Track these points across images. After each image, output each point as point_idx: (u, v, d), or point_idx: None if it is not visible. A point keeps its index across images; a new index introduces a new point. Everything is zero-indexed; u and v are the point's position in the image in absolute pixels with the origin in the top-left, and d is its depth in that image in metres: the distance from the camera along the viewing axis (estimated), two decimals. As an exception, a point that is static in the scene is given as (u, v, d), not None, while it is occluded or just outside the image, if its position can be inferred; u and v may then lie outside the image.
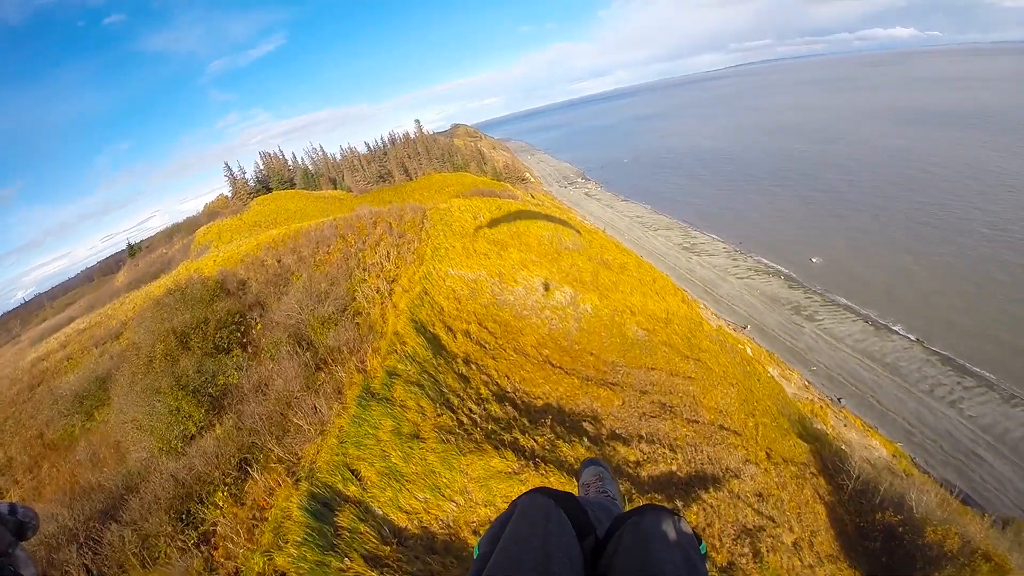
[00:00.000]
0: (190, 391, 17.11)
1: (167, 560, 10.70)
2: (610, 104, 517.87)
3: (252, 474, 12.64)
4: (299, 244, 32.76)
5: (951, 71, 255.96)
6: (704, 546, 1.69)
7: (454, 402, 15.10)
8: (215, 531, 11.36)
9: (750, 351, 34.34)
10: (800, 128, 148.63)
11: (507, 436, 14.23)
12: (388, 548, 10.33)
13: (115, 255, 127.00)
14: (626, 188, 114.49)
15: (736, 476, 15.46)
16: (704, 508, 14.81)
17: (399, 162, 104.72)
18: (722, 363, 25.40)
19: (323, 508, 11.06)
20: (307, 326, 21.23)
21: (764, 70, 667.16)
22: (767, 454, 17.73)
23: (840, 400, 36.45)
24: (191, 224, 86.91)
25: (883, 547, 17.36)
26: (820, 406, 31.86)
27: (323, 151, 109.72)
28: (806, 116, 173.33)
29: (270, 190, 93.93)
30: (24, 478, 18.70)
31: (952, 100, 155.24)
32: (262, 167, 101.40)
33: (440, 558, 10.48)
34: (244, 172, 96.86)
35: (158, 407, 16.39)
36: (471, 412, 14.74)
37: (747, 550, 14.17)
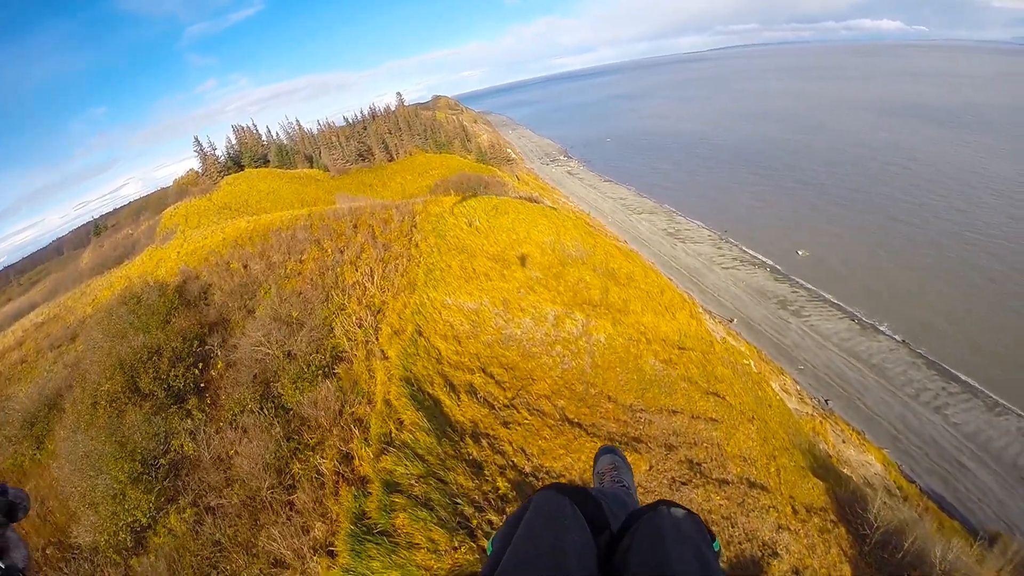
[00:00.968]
0: (138, 460, 15.02)
1: None
2: (592, 81, 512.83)
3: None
4: (268, 247, 29.86)
5: (938, 67, 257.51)
6: (717, 543, 1.68)
7: (469, 514, 12.09)
8: None
9: (753, 366, 33.06)
10: (785, 115, 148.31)
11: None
12: None
13: (88, 224, 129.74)
14: (609, 168, 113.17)
15: (774, 553, 14.29)
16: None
17: (379, 138, 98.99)
18: (738, 393, 23.54)
19: None
20: (276, 378, 18.35)
21: (749, 54, 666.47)
22: (792, 508, 16.66)
23: (827, 402, 35.95)
24: (159, 201, 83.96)
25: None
26: (819, 421, 31.13)
27: (299, 125, 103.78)
28: (791, 103, 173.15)
29: (242, 167, 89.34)
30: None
31: (939, 96, 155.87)
32: (234, 142, 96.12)
33: None
34: (215, 147, 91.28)
35: (100, 487, 14.36)
36: (492, 525, 11.93)
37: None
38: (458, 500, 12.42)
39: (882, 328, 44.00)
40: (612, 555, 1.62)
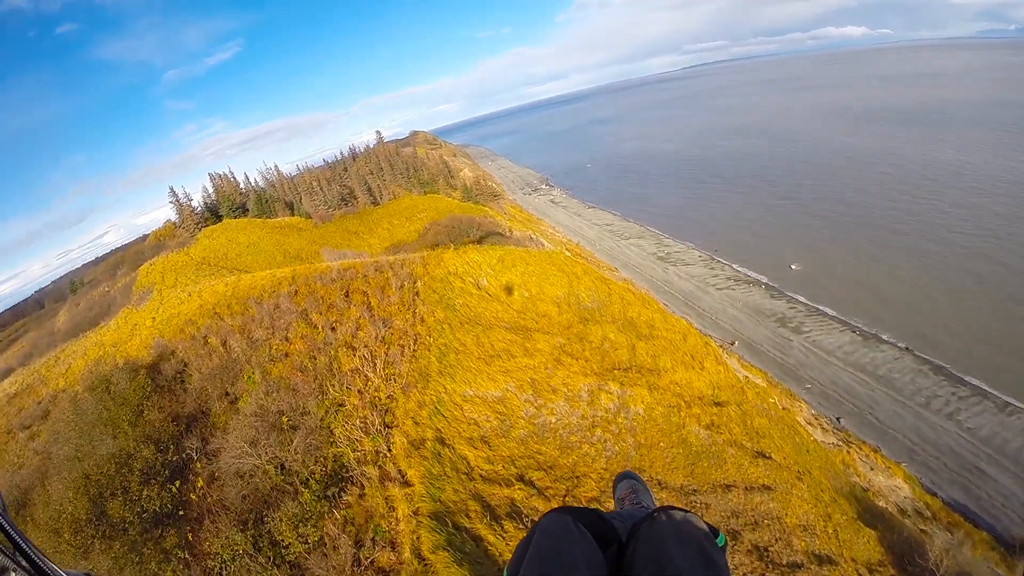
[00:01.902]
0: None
1: None
2: (567, 108, 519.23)
3: None
4: (249, 319, 26.80)
5: (906, 68, 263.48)
6: (722, 537, 1.74)
7: None
8: None
9: (778, 402, 32.31)
10: (761, 129, 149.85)
11: None
12: None
13: (70, 273, 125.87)
14: (591, 194, 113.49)
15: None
16: None
17: (361, 179, 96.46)
18: (780, 446, 22.48)
19: None
20: (269, 506, 15.28)
21: (719, 71, 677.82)
22: (857, 573, 16.08)
23: (839, 420, 35.39)
24: (136, 255, 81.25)
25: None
26: (847, 451, 30.26)
27: (278, 170, 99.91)
28: (765, 117, 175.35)
29: (220, 217, 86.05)
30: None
31: (911, 97, 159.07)
32: (211, 191, 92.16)
33: None
34: (191, 198, 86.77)
35: None
36: None
37: None
38: None
39: (884, 337, 43.63)
40: (620, 562, 1.70)
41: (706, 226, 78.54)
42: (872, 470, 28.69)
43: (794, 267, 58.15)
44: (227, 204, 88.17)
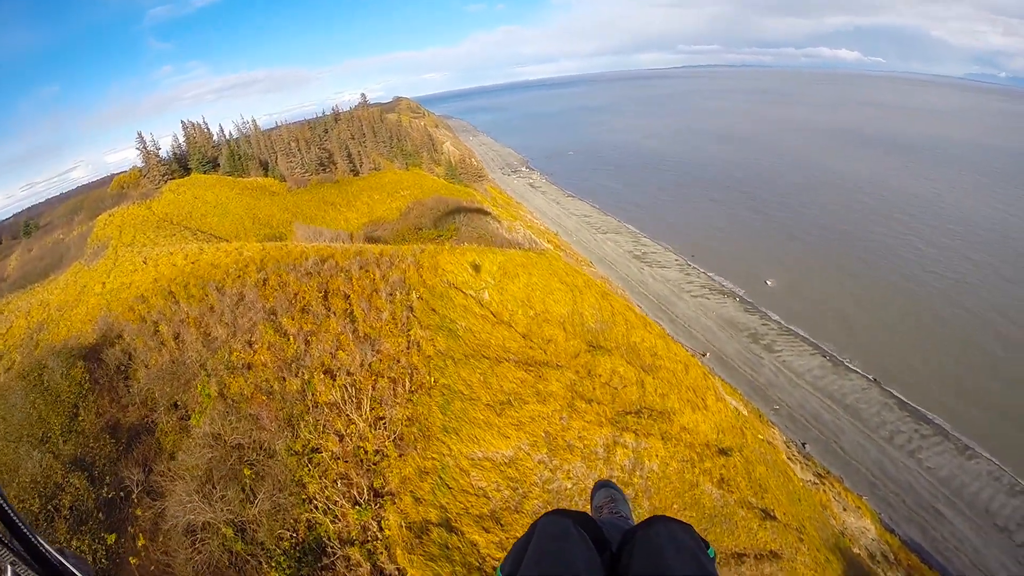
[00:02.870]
0: None
1: None
2: (554, 91, 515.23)
3: None
4: (207, 310, 23.82)
5: (898, 99, 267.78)
6: (712, 550, 1.76)
7: None
8: None
9: (765, 437, 31.65)
10: (748, 139, 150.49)
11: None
12: None
13: (34, 206, 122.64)
14: (571, 183, 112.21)
15: None
16: None
17: (342, 144, 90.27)
18: (779, 498, 21.65)
19: None
20: None
21: (711, 74, 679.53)
22: None
23: (805, 445, 35.16)
24: (96, 203, 75.70)
25: None
26: (823, 490, 29.80)
27: (255, 125, 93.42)
28: (755, 127, 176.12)
29: (189, 170, 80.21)
30: None
31: (900, 129, 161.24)
32: (182, 141, 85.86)
33: None
34: (158, 146, 79.62)
35: None
36: None
37: None
38: None
39: (852, 366, 43.63)
40: (614, 571, 1.70)
41: (684, 229, 78.08)
42: (844, 510, 28.44)
43: (770, 283, 57.95)
44: (197, 156, 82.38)
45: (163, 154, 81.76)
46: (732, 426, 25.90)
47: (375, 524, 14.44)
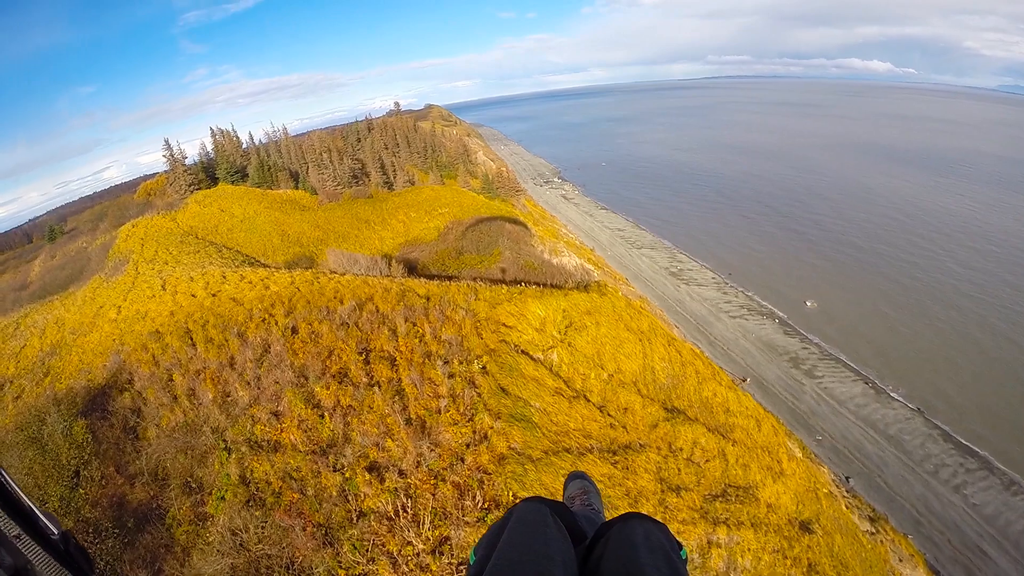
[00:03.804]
0: None
1: None
2: (584, 101, 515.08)
3: None
4: (227, 363, 21.11)
5: (930, 111, 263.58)
6: (685, 551, 1.77)
7: None
8: None
9: (831, 492, 30.01)
10: (781, 153, 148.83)
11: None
12: None
13: (66, 205, 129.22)
14: (604, 195, 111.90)
15: None
16: None
17: (375, 155, 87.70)
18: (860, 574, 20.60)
19: None
20: None
21: (742, 85, 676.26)
22: None
23: (848, 480, 34.37)
24: (121, 210, 75.73)
25: None
26: (881, 542, 28.57)
27: (285, 133, 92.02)
28: (787, 140, 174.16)
29: (216, 180, 78.23)
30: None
31: (933, 142, 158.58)
32: (210, 149, 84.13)
33: None
34: (185, 154, 77.66)
35: None
36: None
37: None
38: None
39: (895, 395, 42.69)
40: (585, 564, 1.69)
41: (719, 246, 77.39)
42: (901, 561, 27.42)
43: (809, 304, 57.07)
44: (225, 166, 79.77)
45: (191, 160, 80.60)
46: (807, 488, 25.00)
47: None
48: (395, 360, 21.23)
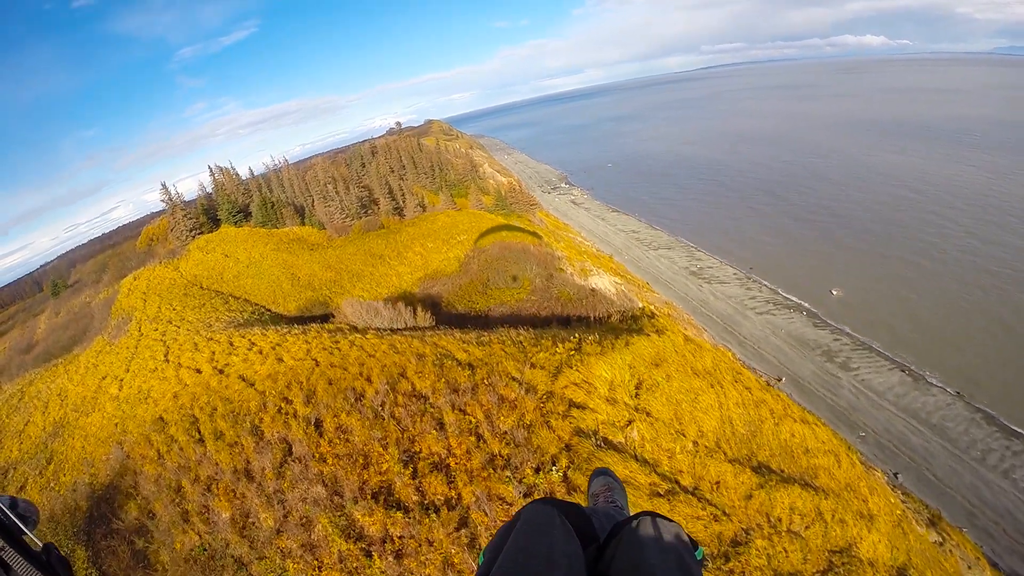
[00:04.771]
0: None
1: None
2: (583, 102, 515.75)
3: None
4: (242, 472, 18.10)
5: (927, 81, 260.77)
6: (701, 551, 1.75)
7: None
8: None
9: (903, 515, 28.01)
10: (782, 137, 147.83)
11: None
12: None
13: (75, 249, 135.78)
14: (614, 197, 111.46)
15: None
16: None
17: (382, 180, 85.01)
18: None
19: None
20: None
21: (737, 72, 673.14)
22: None
23: (897, 475, 33.83)
24: (123, 260, 75.38)
25: None
26: (949, 551, 27.57)
27: (286, 164, 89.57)
28: (787, 124, 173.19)
29: (218, 222, 74.86)
30: None
31: (932, 113, 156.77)
32: (210, 189, 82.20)
33: None
34: (183, 197, 75.41)
35: None
36: None
37: None
38: None
39: (933, 380, 42.09)
40: (598, 564, 1.67)
41: (736, 239, 76.61)
42: (970, 568, 26.75)
43: (835, 292, 56.31)
44: (227, 206, 76.10)
45: (190, 196, 78.74)
46: (894, 525, 24.00)
47: None
48: (449, 468, 17.29)
